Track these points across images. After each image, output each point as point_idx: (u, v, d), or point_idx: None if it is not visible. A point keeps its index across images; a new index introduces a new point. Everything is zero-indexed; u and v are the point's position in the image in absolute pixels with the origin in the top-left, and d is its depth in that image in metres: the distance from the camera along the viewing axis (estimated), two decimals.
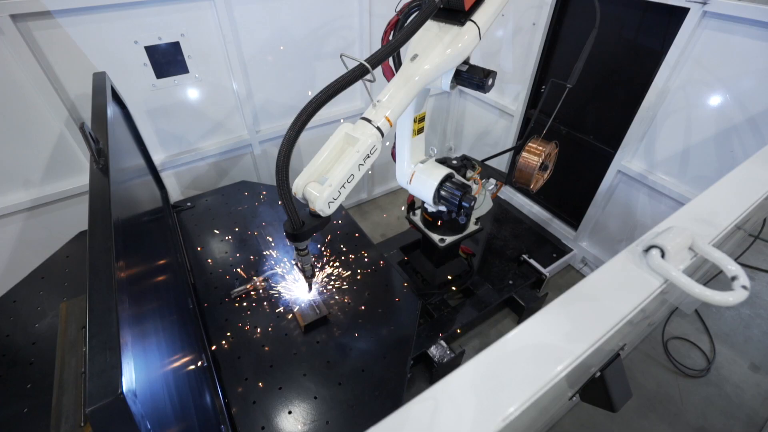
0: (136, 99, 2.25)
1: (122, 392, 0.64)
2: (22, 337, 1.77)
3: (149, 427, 0.68)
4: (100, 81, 1.68)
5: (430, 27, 1.51)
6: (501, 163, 3.41)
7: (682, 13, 2.04)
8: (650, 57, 2.29)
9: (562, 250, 3.10)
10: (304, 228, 1.36)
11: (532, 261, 2.89)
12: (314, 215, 1.36)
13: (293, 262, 2.08)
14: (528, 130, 2.25)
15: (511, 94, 3.25)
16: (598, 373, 0.87)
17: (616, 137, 2.56)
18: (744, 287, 0.55)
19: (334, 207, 1.36)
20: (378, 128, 1.40)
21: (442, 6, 1.46)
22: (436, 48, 1.47)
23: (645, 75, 2.32)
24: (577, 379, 0.82)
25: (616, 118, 2.58)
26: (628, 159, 2.54)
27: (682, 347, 2.62)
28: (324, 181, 1.34)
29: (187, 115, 2.49)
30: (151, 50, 2.15)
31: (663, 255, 0.60)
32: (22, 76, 1.89)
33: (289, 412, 1.52)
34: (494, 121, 3.50)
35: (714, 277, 2.32)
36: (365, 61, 1.27)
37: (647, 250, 0.62)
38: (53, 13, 1.83)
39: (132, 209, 1.47)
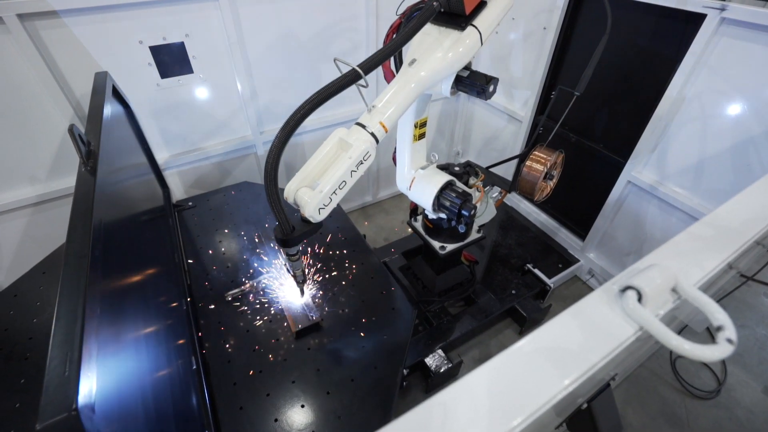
0: (141, 98, 2.26)
1: (76, 408, 0.62)
2: (20, 331, 1.79)
3: None
4: (100, 81, 1.69)
5: (430, 31, 1.48)
6: (508, 170, 3.34)
7: (698, 19, 1.96)
8: (664, 64, 2.21)
9: (568, 260, 3.01)
10: (295, 234, 1.33)
11: (536, 271, 2.82)
12: (306, 221, 1.34)
13: (285, 267, 2.07)
14: (533, 138, 2.19)
15: (520, 100, 3.18)
16: (585, 405, 0.82)
17: (627, 146, 2.47)
18: (729, 340, 0.49)
19: (324, 213, 1.33)
20: (372, 134, 1.36)
21: (442, 10, 1.42)
22: (435, 52, 1.43)
23: (658, 83, 2.23)
24: (563, 409, 0.77)
25: (628, 126, 2.50)
26: (638, 169, 2.45)
27: (692, 366, 2.52)
28: (315, 187, 1.31)
29: (191, 115, 2.50)
30: (155, 50, 2.16)
31: (640, 298, 0.55)
32: (29, 75, 1.92)
33: (275, 420, 1.50)
34: (503, 126, 3.43)
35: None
36: (358, 66, 1.24)
37: (624, 290, 0.57)
38: (59, 13, 1.85)
39: (125, 209, 1.47)
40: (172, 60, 2.23)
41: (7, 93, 1.94)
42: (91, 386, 0.69)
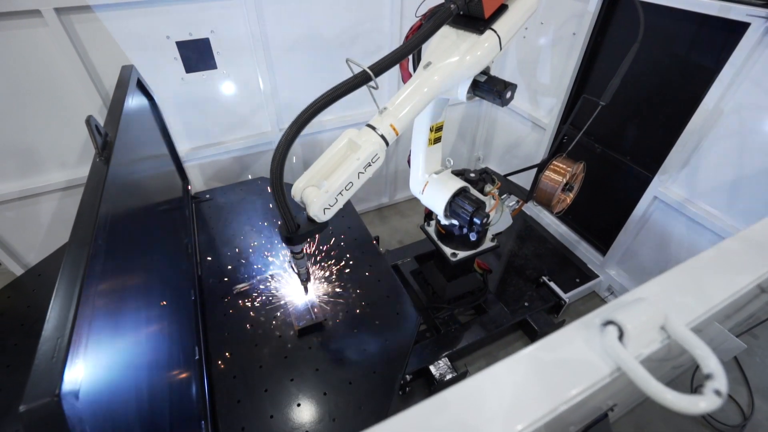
0: (166, 92, 2.33)
1: (59, 394, 0.63)
2: (41, 309, 1.86)
3: (87, 431, 0.68)
4: (126, 74, 1.75)
5: (448, 34, 1.45)
6: (529, 179, 3.25)
7: (741, 28, 1.83)
8: (700, 75, 2.08)
9: (586, 275, 2.90)
10: (299, 232, 1.34)
11: (552, 284, 2.73)
12: (311, 220, 1.34)
13: (289, 264, 2.08)
14: (555, 147, 2.12)
15: (545, 107, 3.09)
16: None
17: (656, 160, 2.34)
18: (717, 392, 0.43)
19: (330, 214, 1.33)
20: (382, 136, 1.35)
21: (461, 13, 1.39)
22: (451, 56, 1.40)
23: (693, 94, 2.10)
24: None
25: (657, 139, 2.37)
26: (666, 185, 2.32)
27: None
28: (322, 187, 1.31)
29: (213, 110, 2.56)
30: (182, 45, 2.22)
31: (622, 335, 0.50)
32: (63, 66, 2.02)
33: (271, 417, 1.50)
34: (526, 133, 3.34)
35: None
36: (369, 68, 1.23)
37: (605, 325, 0.52)
38: (93, 8, 1.93)
39: (140, 199, 1.51)
40: (197, 55, 2.29)
41: (43, 82, 2.04)
42: (78, 373, 0.71)
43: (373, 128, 1.35)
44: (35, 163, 2.27)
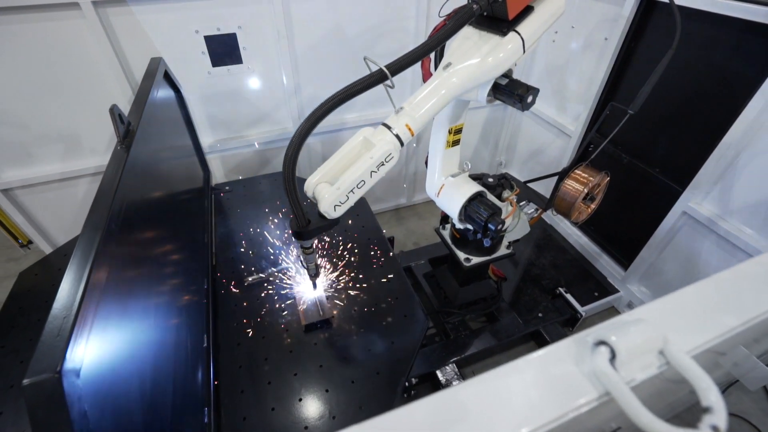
0: (192, 84, 2.40)
1: (60, 371, 0.65)
2: None
3: (86, 408, 0.70)
4: (154, 65, 1.81)
5: (470, 35, 1.42)
6: (551, 187, 3.16)
7: None
8: (740, 84, 1.96)
9: (606, 289, 2.79)
10: (309, 227, 1.35)
11: (568, 296, 2.64)
12: (322, 216, 1.34)
13: (298, 258, 2.10)
14: (579, 155, 2.05)
15: (572, 114, 2.99)
16: None
17: (687, 174, 2.23)
18: (714, 428, 0.39)
19: (340, 211, 1.33)
20: (397, 136, 1.34)
21: (485, 14, 1.36)
22: (471, 57, 1.38)
23: (731, 105, 1.99)
24: None
25: (689, 151, 2.25)
26: (697, 200, 2.20)
27: (739, 428, 2.23)
28: (334, 183, 1.31)
29: (237, 103, 2.62)
30: (209, 40, 2.28)
31: (614, 357, 0.46)
32: (97, 56, 2.10)
33: (272, 409, 1.52)
34: (550, 140, 3.25)
35: None
36: (385, 66, 1.22)
37: (597, 344, 0.48)
38: (128, 1, 2.01)
39: (159, 188, 1.56)
40: (223, 50, 2.34)
41: (78, 72, 2.13)
42: (82, 352, 0.73)
43: (389, 127, 1.34)
44: (77, 147, 2.38)
